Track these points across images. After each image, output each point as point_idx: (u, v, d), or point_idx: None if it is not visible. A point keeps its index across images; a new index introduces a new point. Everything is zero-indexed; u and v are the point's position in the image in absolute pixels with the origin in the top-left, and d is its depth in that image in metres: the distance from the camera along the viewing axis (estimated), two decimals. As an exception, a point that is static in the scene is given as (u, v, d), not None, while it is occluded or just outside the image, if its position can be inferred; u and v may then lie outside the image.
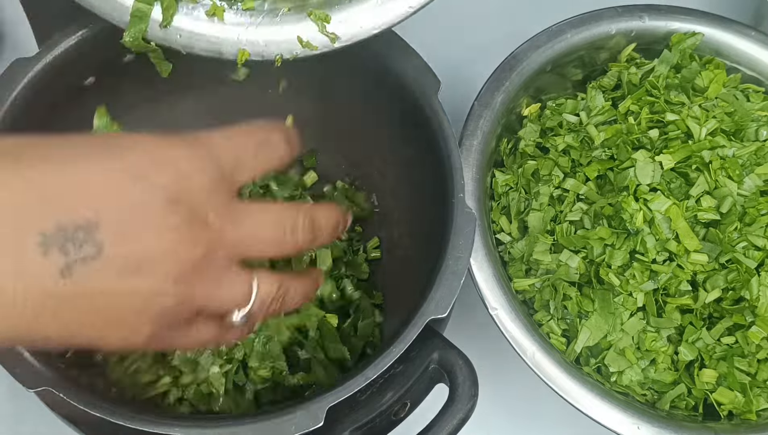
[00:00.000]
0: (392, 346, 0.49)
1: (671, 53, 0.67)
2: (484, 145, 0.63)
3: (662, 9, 0.69)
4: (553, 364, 0.57)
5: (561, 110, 0.67)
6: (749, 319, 0.57)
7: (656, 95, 0.64)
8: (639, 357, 0.58)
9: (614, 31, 0.68)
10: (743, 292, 0.57)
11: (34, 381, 0.48)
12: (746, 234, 0.58)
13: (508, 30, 0.71)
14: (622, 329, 0.58)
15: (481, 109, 0.64)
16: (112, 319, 0.35)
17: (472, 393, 0.51)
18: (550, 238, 0.61)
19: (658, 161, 0.59)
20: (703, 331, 0.58)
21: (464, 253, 0.53)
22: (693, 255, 0.57)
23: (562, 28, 0.67)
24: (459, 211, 0.54)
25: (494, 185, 0.66)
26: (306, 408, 0.47)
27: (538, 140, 0.67)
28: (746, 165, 0.60)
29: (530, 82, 0.67)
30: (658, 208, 0.58)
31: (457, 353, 0.52)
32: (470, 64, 0.70)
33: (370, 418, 0.51)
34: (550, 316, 0.61)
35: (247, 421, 0.48)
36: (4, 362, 0.49)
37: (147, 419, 0.47)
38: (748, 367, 0.57)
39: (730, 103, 0.63)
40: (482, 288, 0.59)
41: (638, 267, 0.58)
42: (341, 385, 0.48)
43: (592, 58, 0.69)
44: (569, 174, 0.63)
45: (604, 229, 0.59)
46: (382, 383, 0.51)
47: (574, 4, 0.69)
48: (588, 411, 0.56)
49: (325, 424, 0.47)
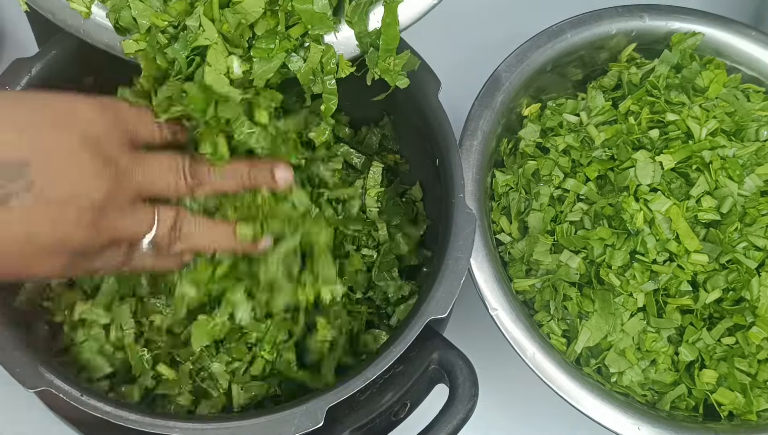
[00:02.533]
0: (392, 346, 0.49)
1: (671, 53, 0.67)
2: (484, 145, 0.63)
3: (662, 9, 0.69)
4: (554, 364, 0.57)
5: (561, 110, 0.67)
6: (749, 320, 0.57)
7: (656, 95, 0.64)
8: (639, 357, 0.58)
9: (614, 31, 0.68)
10: (743, 293, 0.57)
11: (34, 381, 0.48)
12: (747, 234, 0.58)
13: (508, 30, 0.71)
14: (622, 330, 0.58)
15: (481, 109, 0.64)
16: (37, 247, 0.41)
17: (472, 393, 0.51)
18: (550, 238, 0.61)
19: (659, 161, 0.59)
20: (704, 331, 0.58)
21: (464, 254, 0.53)
22: (693, 255, 0.57)
23: (562, 28, 0.67)
24: (459, 212, 0.54)
25: (494, 185, 0.65)
26: (306, 408, 0.48)
27: (539, 140, 0.67)
28: (747, 165, 0.60)
29: (530, 82, 0.67)
30: (659, 208, 0.58)
31: (457, 353, 0.52)
32: (470, 64, 0.70)
33: (370, 419, 0.51)
34: (550, 317, 0.61)
35: (247, 421, 0.48)
36: (4, 362, 0.49)
37: (147, 419, 0.47)
38: (748, 367, 0.57)
39: (730, 103, 0.63)
40: (482, 288, 0.59)
41: (638, 267, 0.58)
42: (341, 385, 0.48)
43: (592, 58, 0.69)
44: (569, 174, 0.63)
45: (605, 230, 0.59)
46: (382, 383, 0.51)
47: (574, 4, 0.69)
48: (588, 412, 0.56)
49: (325, 424, 0.47)
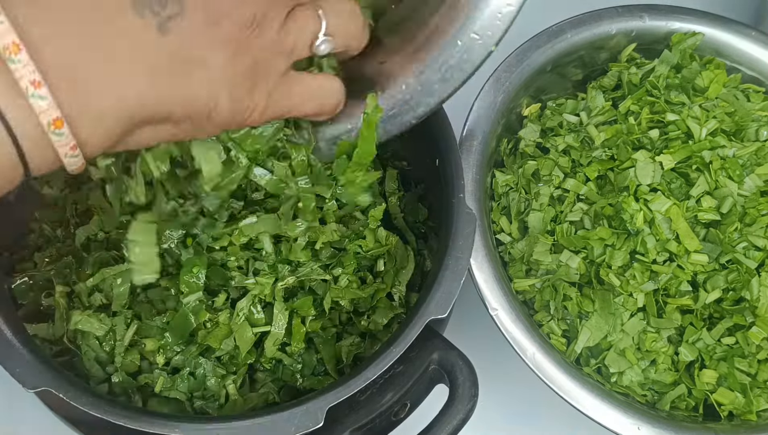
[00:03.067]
0: (392, 346, 0.49)
1: (671, 53, 0.67)
2: (484, 145, 0.63)
3: (662, 9, 0.69)
4: (554, 364, 0.57)
5: (561, 110, 0.67)
6: (749, 320, 0.57)
7: (656, 95, 0.64)
8: (639, 357, 0.58)
9: (614, 31, 0.68)
10: (743, 293, 0.57)
11: (34, 381, 0.48)
12: (746, 234, 0.58)
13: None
14: (622, 330, 0.58)
15: (481, 109, 0.64)
16: (214, 71, 0.40)
17: (472, 393, 0.51)
18: (550, 238, 0.61)
19: (659, 161, 0.59)
20: (704, 331, 0.58)
21: (464, 254, 0.53)
22: (693, 255, 0.57)
23: (562, 28, 0.67)
24: (459, 212, 0.54)
25: (494, 185, 0.65)
26: (306, 408, 0.47)
27: (539, 140, 0.67)
28: (746, 165, 0.60)
29: (530, 82, 0.67)
30: (659, 208, 0.58)
31: (457, 354, 0.52)
32: (470, 64, 0.69)
33: (370, 419, 0.51)
34: (550, 317, 0.61)
35: (247, 421, 0.48)
36: (4, 362, 0.49)
37: (147, 419, 0.47)
38: (748, 367, 0.57)
39: (730, 103, 0.63)
40: (482, 288, 0.59)
41: (638, 267, 0.58)
42: (341, 385, 0.48)
43: (592, 58, 0.69)
44: (569, 174, 0.63)
45: (605, 230, 0.59)
46: (382, 383, 0.51)
47: (574, 4, 0.69)
48: (588, 411, 0.56)
49: (325, 424, 0.47)
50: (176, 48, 0.38)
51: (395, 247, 0.60)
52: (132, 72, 0.37)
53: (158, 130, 0.41)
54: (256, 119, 0.44)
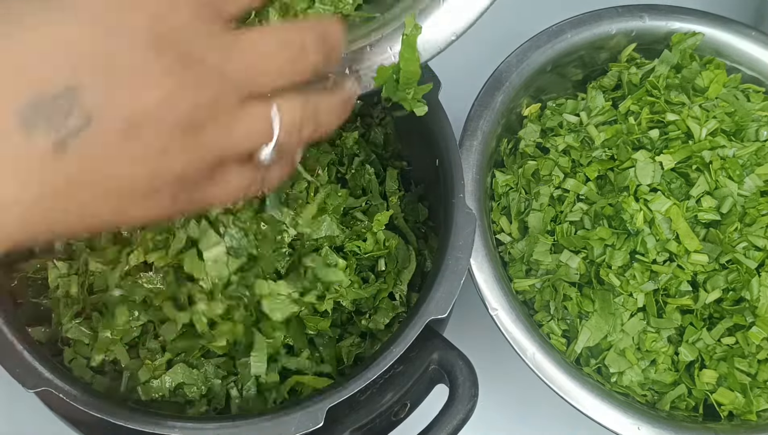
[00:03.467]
0: (392, 346, 0.49)
1: (671, 53, 0.67)
2: (484, 146, 0.63)
3: (662, 9, 0.69)
4: (553, 364, 0.57)
5: (561, 110, 0.67)
6: (749, 320, 0.57)
7: (656, 95, 0.64)
8: (639, 357, 0.58)
9: (614, 31, 0.68)
10: (743, 293, 0.57)
11: (34, 381, 0.48)
12: (746, 234, 0.58)
13: (508, 30, 0.71)
14: (622, 330, 0.58)
15: (481, 109, 0.64)
16: (125, 189, 0.32)
17: (472, 393, 0.51)
18: (550, 238, 0.61)
19: (659, 161, 0.59)
20: (704, 331, 0.58)
21: (464, 254, 0.53)
22: (693, 255, 0.57)
23: (562, 28, 0.67)
24: (459, 212, 0.54)
25: (494, 185, 0.65)
26: (306, 408, 0.47)
27: (539, 140, 0.67)
28: (746, 165, 0.60)
29: (530, 82, 0.67)
30: (659, 208, 0.58)
31: (457, 354, 0.52)
32: (470, 64, 0.70)
33: (370, 419, 0.51)
34: (550, 317, 0.61)
35: (247, 421, 0.48)
36: (4, 362, 0.49)
37: (147, 419, 0.47)
38: (748, 367, 0.57)
39: (730, 103, 0.63)
40: (482, 288, 0.59)
41: (638, 267, 0.58)
42: (341, 385, 0.48)
43: (592, 58, 0.69)
44: (569, 174, 0.63)
45: (605, 230, 0.59)
46: (382, 384, 0.51)
47: (574, 4, 0.69)
48: (588, 412, 0.56)
49: (325, 425, 0.47)
50: (75, 170, 0.31)
51: (396, 247, 0.60)
52: (15, 200, 0.30)
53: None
54: (170, 217, 0.36)
